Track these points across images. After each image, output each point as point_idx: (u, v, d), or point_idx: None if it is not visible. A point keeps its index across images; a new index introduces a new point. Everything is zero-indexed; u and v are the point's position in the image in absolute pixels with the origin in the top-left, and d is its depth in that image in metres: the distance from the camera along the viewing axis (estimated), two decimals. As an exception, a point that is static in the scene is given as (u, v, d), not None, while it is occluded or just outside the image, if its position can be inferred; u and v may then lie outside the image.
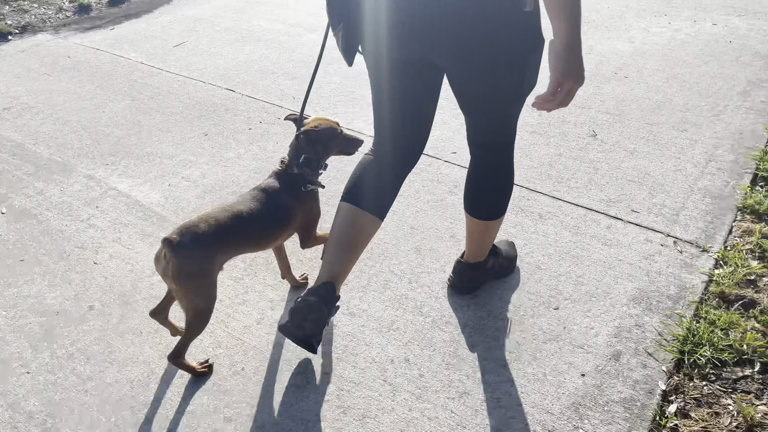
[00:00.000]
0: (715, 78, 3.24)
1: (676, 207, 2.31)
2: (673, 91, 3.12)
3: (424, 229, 2.24)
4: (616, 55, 3.54)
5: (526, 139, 2.76)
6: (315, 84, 1.92)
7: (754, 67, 3.34)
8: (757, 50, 3.53)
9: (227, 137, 2.84)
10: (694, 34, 3.75)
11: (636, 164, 2.57)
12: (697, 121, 2.87)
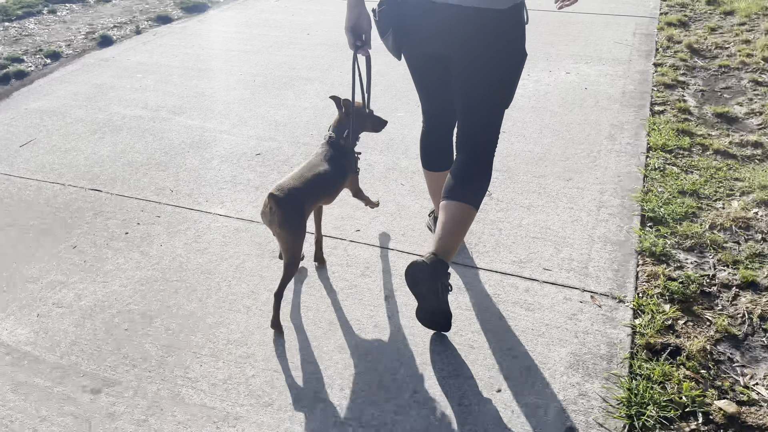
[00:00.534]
0: (582, 125, 3.44)
1: (583, 259, 2.35)
2: (549, 142, 3.26)
3: (344, 323, 2.08)
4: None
5: (428, 207, 2.72)
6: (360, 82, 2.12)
7: (613, 111, 3.60)
8: (609, 94, 3.82)
9: (101, 247, 2.51)
10: (553, 84, 3.99)
11: (535, 220, 2.61)
12: (578, 168, 3.00)
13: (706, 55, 4.45)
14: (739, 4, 5.48)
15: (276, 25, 5.31)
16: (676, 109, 3.61)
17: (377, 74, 4.19)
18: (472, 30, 1.81)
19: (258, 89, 4.00)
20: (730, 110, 3.59)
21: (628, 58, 4.41)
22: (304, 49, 4.72)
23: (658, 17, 5.27)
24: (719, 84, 3.98)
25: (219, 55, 4.63)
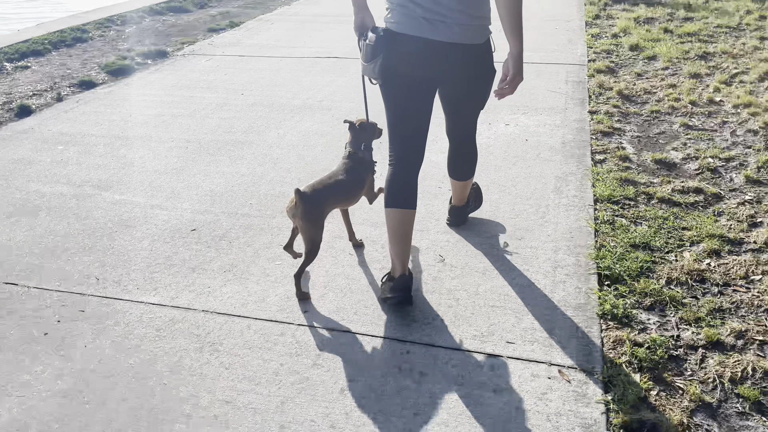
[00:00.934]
0: (528, 179, 3.40)
1: (546, 328, 2.24)
2: (497, 199, 3.20)
3: (296, 425, 1.87)
4: (435, 168, 3.57)
5: (377, 276, 2.57)
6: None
7: (555, 162, 3.59)
8: (550, 145, 3.82)
9: (18, 352, 2.22)
10: (494, 137, 3.97)
11: (492, 286, 2.50)
12: (529, 225, 2.93)
13: (637, 101, 4.57)
14: (660, 49, 5.71)
15: (208, 85, 5.15)
16: (617, 157, 3.64)
17: (316, 134, 4.08)
18: (458, 59, 2.25)
19: (191, 156, 3.80)
20: (668, 156, 3.64)
21: (563, 106, 4.47)
22: (239, 111, 4.56)
23: (586, 64, 5.41)
24: (653, 129, 4.06)
25: (148, 120, 4.41)
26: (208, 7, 8.52)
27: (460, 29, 2.18)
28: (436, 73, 2.28)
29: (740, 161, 3.54)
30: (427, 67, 2.25)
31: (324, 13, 7.95)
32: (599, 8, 7.62)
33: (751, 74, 4.93)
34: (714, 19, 6.75)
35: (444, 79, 2.33)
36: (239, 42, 6.57)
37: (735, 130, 3.98)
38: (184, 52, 6.21)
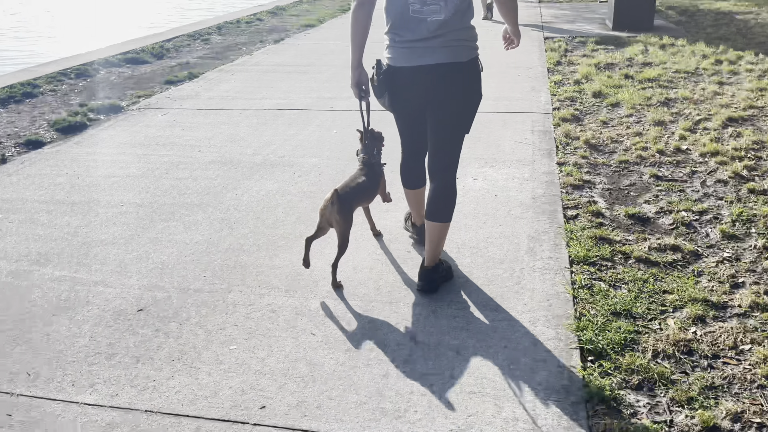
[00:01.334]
0: (500, 239, 3.25)
1: (530, 417, 2.04)
2: (468, 263, 3.03)
3: None
4: (405, 234, 3.40)
5: (346, 363, 2.34)
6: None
7: (527, 220, 3.45)
8: (521, 201, 3.69)
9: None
10: (462, 193, 3.81)
11: (469, 367, 2.30)
12: (504, 293, 2.76)
13: (605, 150, 4.51)
14: (622, 95, 5.73)
15: (164, 142, 4.92)
16: (589, 212, 3.52)
17: (277, 194, 3.87)
18: (444, 79, 2.54)
19: (142, 223, 3.55)
20: (641, 210, 3.54)
21: (531, 158, 4.38)
22: (195, 170, 4.34)
23: (551, 113, 5.38)
24: (623, 181, 3.98)
25: (97, 183, 4.15)
26: (167, 58, 8.34)
27: (443, 50, 2.52)
28: (428, 92, 2.61)
29: (714, 214, 3.46)
30: (420, 90, 2.62)
31: (286, 62, 7.85)
32: (560, 54, 7.70)
33: (714, 121, 4.94)
34: (672, 65, 6.85)
35: (434, 100, 2.62)
36: (198, 94, 6.39)
37: (705, 180, 3.92)
38: (139, 106, 5.99)
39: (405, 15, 2.53)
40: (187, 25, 11.43)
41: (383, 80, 2.65)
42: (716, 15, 10.44)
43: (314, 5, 14.10)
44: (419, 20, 2.50)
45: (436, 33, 2.49)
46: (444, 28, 2.49)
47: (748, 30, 8.92)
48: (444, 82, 2.55)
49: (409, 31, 2.53)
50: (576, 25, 10.13)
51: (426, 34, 2.50)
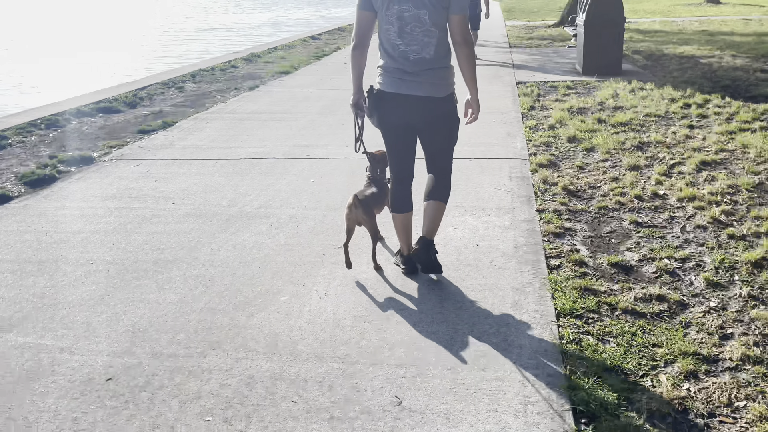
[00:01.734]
0: (484, 292, 3.18)
1: (525, 489, 1.93)
2: (454, 319, 2.94)
3: None
4: (381, 284, 3.31)
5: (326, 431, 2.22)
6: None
7: (510, 270, 3.39)
8: (503, 250, 3.65)
9: None
10: (444, 243, 3.76)
11: (458, 434, 2.19)
12: (490, 351, 2.67)
13: (583, 196, 4.51)
14: (596, 140, 5.80)
15: (137, 195, 4.80)
16: (572, 261, 3.49)
17: (253, 248, 3.75)
18: (428, 109, 3.08)
19: (113, 282, 3.41)
20: (623, 258, 3.52)
21: (510, 205, 4.35)
22: (169, 223, 4.22)
23: (528, 158, 5.40)
24: (603, 228, 3.97)
25: (66, 239, 4.00)
26: (140, 107, 8.27)
27: (427, 86, 3.04)
28: (413, 119, 3.12)
29: (696, 261, 3.45)
30: (406, 116, 3.11)
31: (261, 110, 7.83)
32: (533, 99, 7.83)
33: (688, 165, 5.01)
34: (643, 108, 7.00)
35: (420, 125, 3.15)
36: (172, 144, 6.30)
37: (684, 225, 3.93)
38: (111, 157, 5.87)
39: (394, 51, 3.05)
40: (161, 73, 11.42)
41: (373, 102, 3.15)
42: (681, 59, 10.78)
43: (288, 52, 14.25)
44: (405, 57, 3.03)
45: (419, 69, 3.03)
46: (425, 65, 3.02)
47: (712, 73, 9.21)
48: (425, 111, 3.09)
49: (396, 64, 3.06)
50: (547, 69, 10.36)
51: (410, 69, 3.03)
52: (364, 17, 3.10)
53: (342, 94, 8.60)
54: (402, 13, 2.97)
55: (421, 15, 2.96)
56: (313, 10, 56.36)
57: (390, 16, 3.00)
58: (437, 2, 2.94)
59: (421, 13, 2.95)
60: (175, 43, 25.39)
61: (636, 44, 13.07)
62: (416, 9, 2.95)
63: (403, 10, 2.96)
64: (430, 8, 2.94)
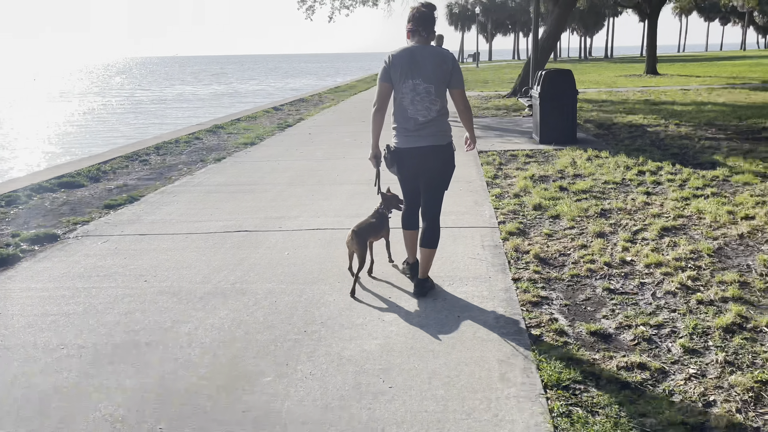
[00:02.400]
0: (471, 365, 3.18)
1: None
2: (442, 395, 2.92)
3: None
4: (373, 366, 3.28)
5: None
6: None
7: (494, 342, 3.42)
8: (484, 321, 3.68)
9: None
10: (425, 316, 3.78)
11: None
12: (482, 429, 2.66)
13: (555, 264, 4.63)
14: (561, 207, 6.00)
15: (106, 273, 4.68)
16: (552, 331, 3.54)
17: (232, 325, 3.68)
18: (434, 154, 3.93)
19: (86, 368, 3.28)
20: (601, 327, 3.59)
21: (486, 274, 4.43)
22: (142, 302, 4.12)
23: (498, 227, 5.54)
24: (579, 295, 4.06)
25: (33, 323, 3.85)
26: (104, 181, 8.18)
27: (430, 138, 3.92)
28: (421, 165, 3.98)
29: (671, 328, 3.55)
30: (417, 163, 3.98)
31: (229, 182, 7.84)
32: (496, 168, 8.09)
33: (650, 231, 5.22)
34: (600, 176, 7.31)
35: (424, 170, 4.01)
36: (139, 218, 6.22)
37: (654, 292, 4.06)
38: (77, 234, 5.75)
39: (405, 116, 3.92)
40: (125, 146, 11.38)
41: (392, 157, 4.03)
42: (630, 128, 11.39)
43: (252, 123, 14.43)
44: (415, 120, 3.90)
45: (424, 126, 3.90)
46: (429, 124, 3.91)
47: (660, 141, 9.74)
48: (430, 157, 3.94)
49: (408, 125, 3.92)
50: (505, 138, 10.78)
51: (418, 127, 3.90)
52: (385, 88, 3.93)
53: (309, 164, 8.72)
54: (415, 86, 3.85)
55: (428, 88, 3.85)
56: (269, 80, 57.52)
57: (405, 88, 3.87)
58: (441, 79, 3.85)
59: (428, 87, 3.84)
60: (135, 115, 25.42)
61: (587, 113, 13.77)
62: (425, 83, 3.84)
63: (416, 84, 3.85)
64: (435, 83, 3.85)
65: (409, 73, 3.83)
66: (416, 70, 3.83)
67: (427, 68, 3.82)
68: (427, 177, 4.02)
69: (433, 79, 3.82)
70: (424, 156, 3.92)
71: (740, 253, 4.71)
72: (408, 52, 3.87)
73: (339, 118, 15.42)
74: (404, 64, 3.84)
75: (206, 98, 35.41)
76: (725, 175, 7.15)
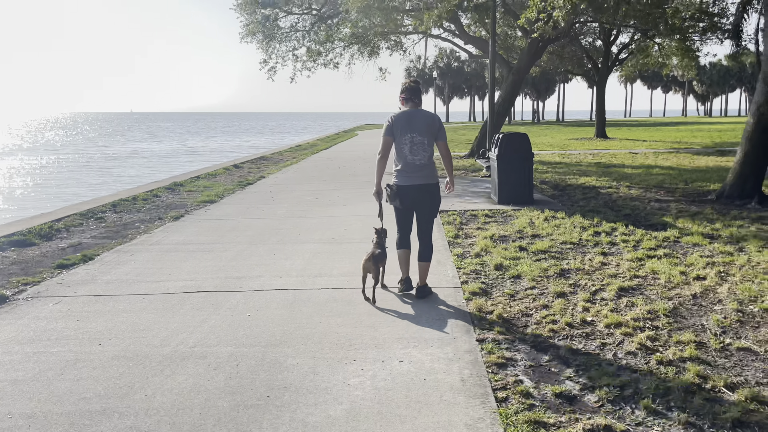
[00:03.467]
0: (437, 431, 3.13)
1: None
2: (411, 462, 2.86)
3: None
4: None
5: None
6: None
7: (460, 406, 3.39)
8: (450, 384, 3.65)
9: None
10: (391, 378, 3.74)
11: None
12: (454, 496, 2.60)
13: (518, 324, 4.67)
14: (521, 267, 6.10)
15: (57, 336, 4.48)
16: (518, 393, 3.54)
17: (191, 392, 3.55)
18: (426, 190, 5.16)
19: (34, 439, 3.09)
20: (566, 388, 3.61)
21: (451, 335, 4.43)
22: (96, 368, 3.94)
23: (460, 287, 5.57)
24: (542, 357, 4.09)
25: (-23, 391, 3.63)
26: (57, 239, 7.93)
27: (425, 177, 5.15)
28: (416, 198, 5.20)
29: (633, 389, 3.60)
30: (414, 197, 5.19)
31: (189, 241, 7.71)
32: (456, 228, 8.22)
33: (608, 291, 5.35)
34: (558, 236, 7.50)
35: (417, 204, 5.24)
36: (94, 279, 6.02)
37: (616, 352, 4.12)
38: (27, 295, 5.51)
39: (405, 161, 5.17)
40: (79, 203, 11.11)
41: (394, 193, 5.21)
42: (584, 189, 11.79)
43: (211, 181, 14.35)
44: (412, 163, 5.15)
45: (420, 169, 5.16)
46: (423, 166, 5.17)
47: (613, 203, 10.10)
48: (425, 192, 5.20)
49: (407, 168, 5.17)
50: (464, 198, 10.99)
51: (415, 169, 5.15)
52: (387, 141, 5.19)
53: (270, 223, 8.68)
54: (413, 138, 5.13)
55: (423, 140, 5.14)
56: (223, 138, 57.62)
57: (405, 140, 5.14)
58: (431, 134, 5.17)
59: (423, 139, 5.14)
60: (88, 172, 24.96)
61: (542, 175, 14.22)
62: (420, 137, 5.13)
63: (414, 137, 5.13)
64: (427, 136, 5.15)
65: (408, 129, 5.12)
66: (413, 127, 5.12)
67: (421, 126, 5.13)
68: (422, 207, 5.25)
69: (425, 133, 5.13)
70: (420, 191, 5.16)
71: (694, 313, 4.85)
72: (406, 114, 5.19)
73: (301, 176, 15.49)
74: (403, 122, 5.14)
75: (163, 155, 35.14)
76: (675, 236, 7.44)
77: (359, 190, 12.12)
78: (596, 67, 32.88)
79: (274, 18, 20.79)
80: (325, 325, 4.64)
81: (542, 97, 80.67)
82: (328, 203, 10.68)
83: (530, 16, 11.35)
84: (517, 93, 21.64)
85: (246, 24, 20.58)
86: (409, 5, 19.01)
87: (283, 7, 20.61)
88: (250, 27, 20.48)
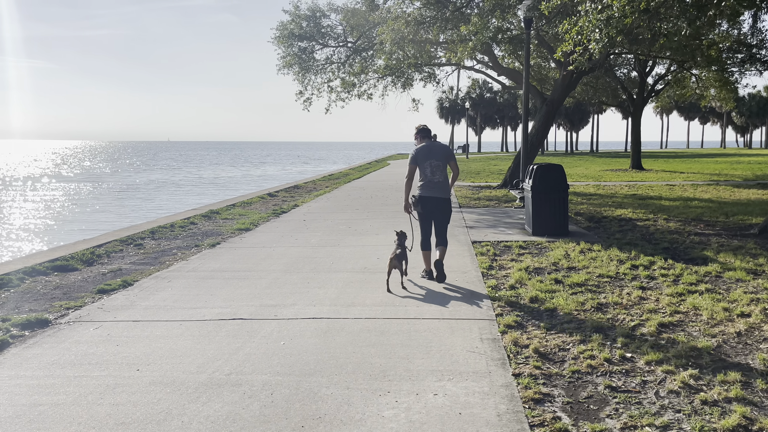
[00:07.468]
0: (474, 467, 3.08)
1: None
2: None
3: None
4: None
5: None
6: None
7: (497, 442, 3.33)
8: (486, 419, 3.60)
9: None
10: (425, 412, 3.70)
11: None
12: None
13: (554, 359, 4.58)
14: (557, 301, 6.01)
15: (97, 361, 4.57)
16: (556, 430, 3.46)
17: (227, 420, 3.57)
18: (441, 202, 6.95)
19: (74, 463, 3.14)
20: (606, 427, 3.52)
21: (486, 369, 4.37)
22: (135, 392, 4.00)
23: (495, 319, 5.51)
24: (581, 393, 4.00)
25: (21, 413, 3.71)
26: (98, 264, 8.13)
27: (441, 192, 6.91)
28: (434, 208, 6.90)
29: (677, 429, 3.49)
30: (432, 207, 6.91)
31: (224, 268, 7.83)
32: (490, 259, 8.15)
33: (648, 327, 5.22)
34: (594, 269, 7.38)
35: (436, 212, 6.91)
36: (133, 304, 6.15)
37: (657, 390, 4.01)
38: (68, 320, 5.65)
39: (428, 178, 6.90)
40: (119, 230, 11.39)
41: (417, 201, 6.91)
42: (620, 221, 11.61)
43: (246, 209, 14.57)
44: (433, 181, 6.88)
45: (438, 185, 6.89)
46: (440, 183, 6.89)
47: (650, 236, 9.91)
48: (441, 203, 6.89)
49: (428, 184, 6.88)
50: (498, 229, 10.92)
51: (434, 185, 6.87)
52: (412, 168, 6.99)
53: (304, 251, 8.76)
54: (432, 163, 6.89)
55: (440, 163, 6.92)
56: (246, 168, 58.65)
57: (426, 164, 6.90)
58: (446, 159, 6.99)
59: (440, 163, 6.92)
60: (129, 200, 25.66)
61: (577, 206, 14.06)
62: (437, 161, 6.90)
63: (432, 162, 6.89)
64: (443, 161, 6.95)
65: (429, 157, 6.94)
66: (433, 155, 6.96)
67: (439, 154, 6.98)
68: (438, 215, 6.93)
69: (442, 158, 6.97)
70: (437, 201, 6.88)
71: (739, 351, 4.70)
72: (426, 146, 7.05)
73: (334, 205, 15.63)
74: (426, 152, 6.97)
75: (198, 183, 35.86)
76: (717, 271, 7.24)
77: (391, 220, 12.16)
78: (631, 98, 32.62)
79: (311, 50, 21.26)
80: (359, 355, 4.63)
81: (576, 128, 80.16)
82: (361, 232, 10.73)
83: (566, 48, 11.36)
84: (551, 124, 21.57)
85: (283, 56, 21.08)
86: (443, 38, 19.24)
87: (319, 39, 21.08)
88: (287, 59, 20.97)
